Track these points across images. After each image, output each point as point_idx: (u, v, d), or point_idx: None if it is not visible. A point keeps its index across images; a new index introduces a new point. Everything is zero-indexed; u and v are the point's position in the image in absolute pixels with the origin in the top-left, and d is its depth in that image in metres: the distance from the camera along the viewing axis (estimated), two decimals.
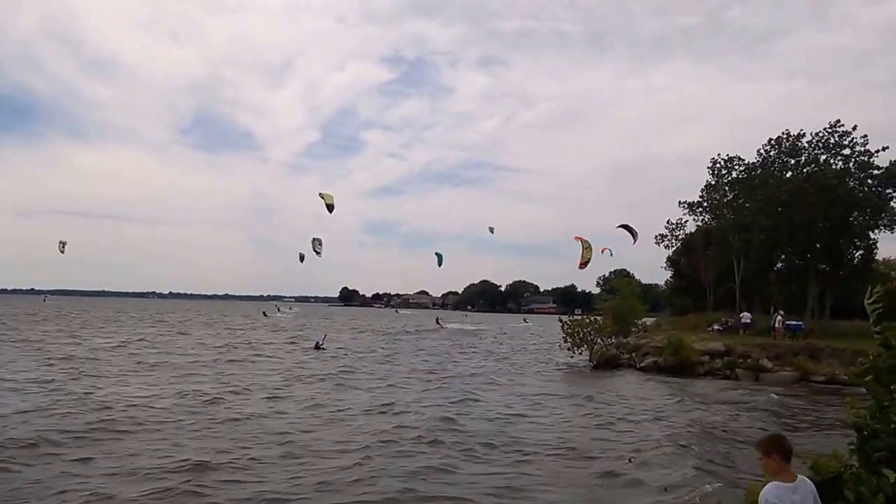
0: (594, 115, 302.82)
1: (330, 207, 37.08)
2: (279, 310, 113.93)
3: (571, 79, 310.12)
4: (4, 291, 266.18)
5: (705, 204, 47.04)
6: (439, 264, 54.11)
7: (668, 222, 50.58)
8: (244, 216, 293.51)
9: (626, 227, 39.86)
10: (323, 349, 36.28)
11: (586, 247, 36.61)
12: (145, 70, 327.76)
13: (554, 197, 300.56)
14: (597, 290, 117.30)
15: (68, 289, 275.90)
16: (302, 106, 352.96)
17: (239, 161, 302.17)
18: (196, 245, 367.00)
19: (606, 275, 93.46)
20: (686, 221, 49.48)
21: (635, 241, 39.55)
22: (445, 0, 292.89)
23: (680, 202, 48.29)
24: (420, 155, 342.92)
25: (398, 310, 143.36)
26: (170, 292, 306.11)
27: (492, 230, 58.79)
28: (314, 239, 44.03)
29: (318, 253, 43.50)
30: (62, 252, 56.09)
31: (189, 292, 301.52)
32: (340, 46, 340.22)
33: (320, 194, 37.37)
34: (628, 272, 66.68)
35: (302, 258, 50.44)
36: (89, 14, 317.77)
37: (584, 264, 36.39)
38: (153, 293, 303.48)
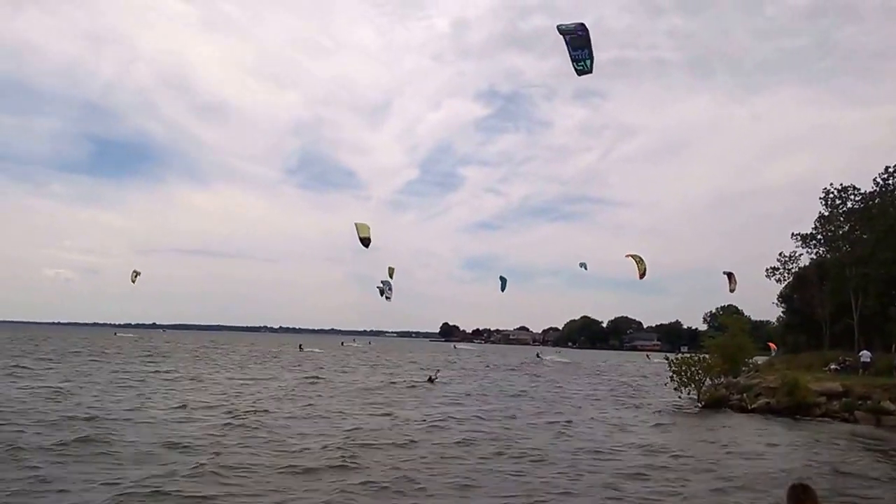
0: (695, 145, 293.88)
1: (364, 241, 33.09)
2: (354, 341, 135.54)
3: (671, 108, 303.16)
4: (128, 326, 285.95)
5: (819, 236, 45.24)
6: (502, 289, 53.39)
7: (780, 255, 48.76)
8: (348, 253, 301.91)
9: (728, 274, 40.03)
10: (435, 382, 38.10)
11: (638, 260, 39.72)
12: (252, 113, 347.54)
13: (654, 230, 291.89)
14: (703, 327, 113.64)
15: (186, 323, 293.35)
16: (401, 144, 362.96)
17: (342, 199, 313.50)
18: (303, 281, 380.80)
19: (714, 310, 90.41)
20: (799, 254, 47.58)
21: (732, 290, 39.58)
22: (539, 32, 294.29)
23: (792, 234, 46.60)
24: (518, 189, 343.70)
25: (455, 345, 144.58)
26: (280, 327, 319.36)
27: (584, 266, 57.41)
28: (383, 282, 43.28)
29: (387, 297, 42.67)
30: (133, 282, 56.82)
31: (298, 327, 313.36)
32: (437, 83, 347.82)
33: (355, 224, 33.42)
34: (737, 308, 64.23)
35: (381, 292, 47.79)
36: (199, 61, 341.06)
37: (642, 274, 39.90)
38: (265, 327, 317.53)
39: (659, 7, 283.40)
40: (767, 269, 49.25)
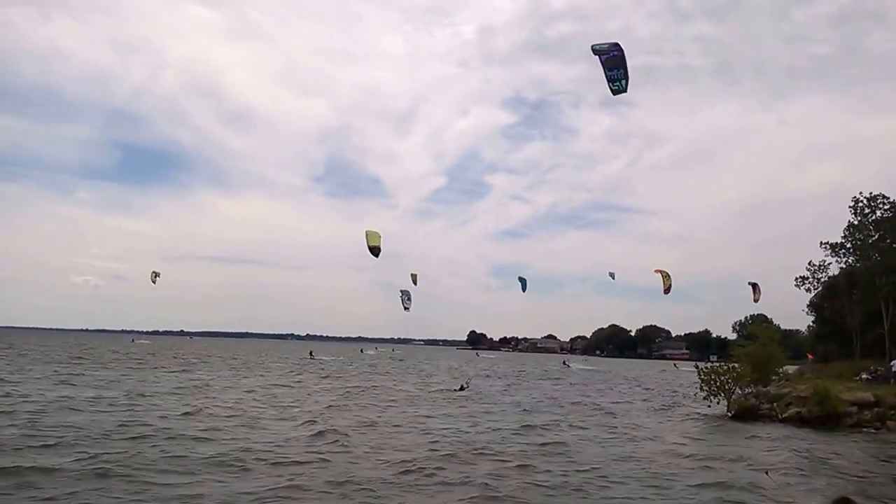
0: (723, 152, 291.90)
1: (374, 250, 31.29)
2: (377, 348, 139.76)
3: (699, 115, 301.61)
4: (156, 333, 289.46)
5: (848, 245, 45.07)
6: (523, 289, 52.68)
7: (809, 264, 48.57)
8: (373, 261, 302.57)
9: (753, 285, 41.34)
10: (467, 389, 38.52)
11: (665, 276, 41.57)
12: (279, 120, 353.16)
13: (682, 238, 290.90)
14: (733, 336, 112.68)
15: (213, 330, 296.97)
16: (427, 151, 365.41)
17: (369, 207, 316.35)
18: (330, 289, 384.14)
19: (743, 319, 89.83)
20: (829, 264, 47.37)
21: (756, 300, 40.14)
22: (565, 39, 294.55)
23: (821, 243, 46.40)
24: (544, 197, 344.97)
25: (479, 353, 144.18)
26: (307, 334, 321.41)
27: (612, 276, 57.85)
28: (402, 291, 42.71)
29: (405, 307, 42.15)
30: (154, 283, 56.57)
31: (324, 334, 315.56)
32: (463, 91, 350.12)
33: (366, 232, 31.59)
34: (766, 317, 63.92)
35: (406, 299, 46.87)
36: (227, 69, 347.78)
37: (667, 290, 41.97)
38: (291, 335, 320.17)
39: (686, 13, 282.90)
40: (797, 278, 49.07)
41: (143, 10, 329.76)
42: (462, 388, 39.42)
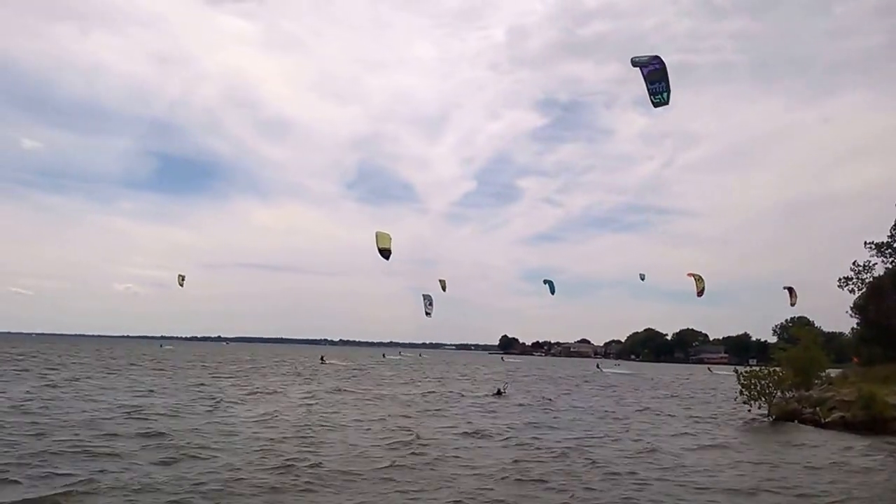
0: (762, 152, 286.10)
1: (384, 252, 30.36)
2: (400, 353, 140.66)
3: (736, 113, 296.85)
4: (194, 339, 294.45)
5: (895, 245, 43.64)
6: (552, 292, 52.43)
7: (853, 264, 47.15)
8: (405, 266, 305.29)
9: (789, 289, 41.58)
10: (505, 395, 38.56)
11: (698, 279, 42.24)
12: (313, 129, 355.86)
13: (720, 240, 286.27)
14: (773, 339, 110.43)
15: (249, 336, 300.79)
16: (458, 156, 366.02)
17: (400, 212, 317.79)
18: (363, 295, 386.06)
19: (784, 322, 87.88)
20: (874, 264, 45.93)
21: (792, 304, 39.62)
22: (597, 38, 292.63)
23: (866, 242, 45.05)
24: (577, 200, 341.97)
25: (503, 357, 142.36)
26: (340, 339, 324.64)
27: (643, 277, 57.64)
28: (424, 296, 41.98)
29: (427, 313, 41.38)
30: (181, 285, 56.49)
31: (357, 339, 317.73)
32: (494, 94, 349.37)
33: (376, 233, 30.65)
34: (808, 319, 62.37)
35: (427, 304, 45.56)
36: (263, 79, 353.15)
37: (700, 293, 42.49)
38: (325, 340, 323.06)
39: (721, 9, 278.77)
40: (840, 279, 47.59)
41: (180, 23, 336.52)
42: (499, 393, 38.99)
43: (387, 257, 30.31)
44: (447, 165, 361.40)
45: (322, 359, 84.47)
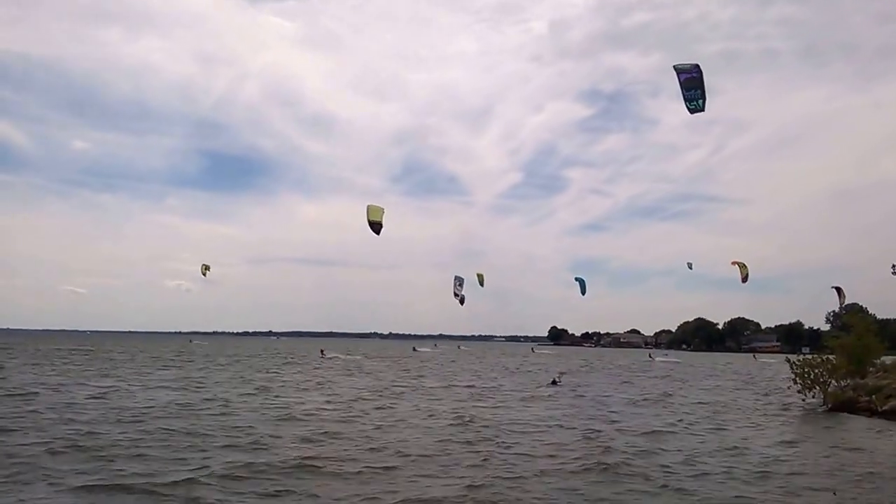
0: (812, 138, 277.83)
1: (374, 226, 29.48)
2: (436, 345, 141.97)
3: (785, 100, 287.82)
4: (246, 334, 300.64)
5: None
6: (583, 292, 52.81)
7: None
8: (453, 258, 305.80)
9: (837, 289, 42.82)
10: (560, 385, 39.23)
11: (741, 265, 43.99)
12: (356, 124, 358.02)
13: (771, 227, 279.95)
14: (826, 327, 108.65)
15: (299, 330, 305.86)
16: (503, 148, 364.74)
17: (446, 205, 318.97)
18: (411, 288, 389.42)
19: (837, 310, 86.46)
20: None
21: (841, 304, 40.34)
22: (641, 28, 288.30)
23: None
24: (624, 190, 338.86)
25: (533, 349, 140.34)
26: (390, 333, 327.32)
27: (690, 266, 58.14)
28: (456, 277, 40.82)
29: (456, 294, 40.45)
30: (204, 275, 58.42)
31: (407, 333, 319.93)
32: (537, 86, 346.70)
33: (367, 207, 30.00)
34: (861, 307, 61.50)
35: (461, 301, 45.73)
36: (306, 77, 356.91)
37: (744, 279, 44.29)
38: (375, 334, 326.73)
39: None
40: (893, 266, 47.20)
41: (224, 24, 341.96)
42: (554, 383, 39.94)
43: (377, 231, 29.95)
44: (492, 158, 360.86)
45: (322, 353, 78.86)
